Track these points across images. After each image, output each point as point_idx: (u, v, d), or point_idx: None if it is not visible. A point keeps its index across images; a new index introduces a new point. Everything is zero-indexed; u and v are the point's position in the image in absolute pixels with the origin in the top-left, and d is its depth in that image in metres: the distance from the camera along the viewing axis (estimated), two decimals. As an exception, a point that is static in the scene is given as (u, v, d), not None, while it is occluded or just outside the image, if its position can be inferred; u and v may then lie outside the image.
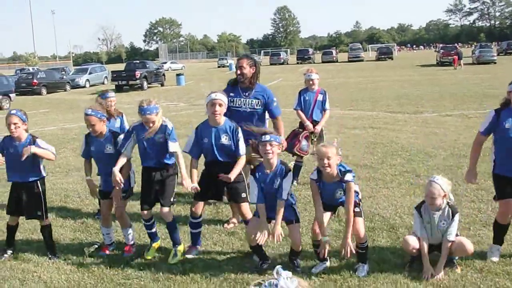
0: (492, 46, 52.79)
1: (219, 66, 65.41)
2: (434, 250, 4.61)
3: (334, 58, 63.65)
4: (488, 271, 4.49)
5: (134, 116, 6.09)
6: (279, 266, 1.32)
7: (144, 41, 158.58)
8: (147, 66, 36.69)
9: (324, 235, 4.57)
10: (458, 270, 4.53)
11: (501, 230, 4.83)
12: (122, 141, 5.14)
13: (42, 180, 5.39)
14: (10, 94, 25.88)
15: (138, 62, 39.38)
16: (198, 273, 4.72)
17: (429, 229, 4.56)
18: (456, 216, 4.51)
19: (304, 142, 7.42)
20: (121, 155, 5.08)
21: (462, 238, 4.59)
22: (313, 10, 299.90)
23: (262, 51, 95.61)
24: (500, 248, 4.83)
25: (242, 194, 5.11)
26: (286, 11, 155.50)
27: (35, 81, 33.44)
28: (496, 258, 4.71)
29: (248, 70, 5.90)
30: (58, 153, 11.34)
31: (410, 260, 4.69)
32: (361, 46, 71.93)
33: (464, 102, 17.68)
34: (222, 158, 5.10)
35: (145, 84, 33.13)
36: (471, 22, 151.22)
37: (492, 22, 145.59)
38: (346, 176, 4.46)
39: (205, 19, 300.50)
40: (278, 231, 4.51)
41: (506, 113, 4.65)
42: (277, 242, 4.69)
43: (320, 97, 7.70)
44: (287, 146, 7.47)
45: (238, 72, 5.94)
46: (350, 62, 60.43)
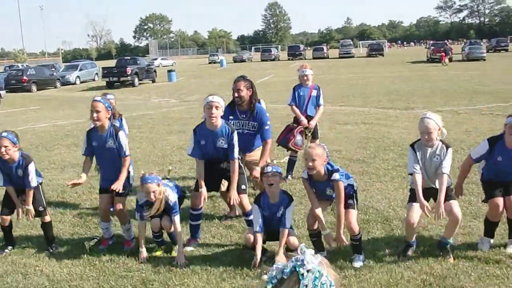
0: (481, 43, 53.27)
1: (210, 62, 65.31)
2: (431, 196, 4.68)
3: (325, 54, 63.82)
4: (478, 261, 4.65)
5: (124, 113, 6.21)
6: (303, 244, 1.43)
7: (134, 37, 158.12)
8: (138, 62, 36.54)
9: (324, 230, 4.71)
10: (451, 260, 4.67)
11: (492, 226, 5.00)
12: (138, 213, 5.15)
13: (37, 186, 5.42)
14: (0, 92, 25.72)
15: (129, 58, 39.15)
16: (198, 265, 4.83)
17: (424, 165, 4.64)
18: (449, 150, 4.61)
19: (298, 137, 7.54)
20: (141, 226, 5.14)
21: (453, 202, 4.65)
22: (303, 6, 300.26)
23: (253, 47, 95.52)
24: (490, 240, 4.99)
25: (242, 186, 5.26)
26: (277, 7, 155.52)
27: (25, 78, 33.05)
28: (486, 248, 4.87)
29: (245, 93, 6.00)
30: (52, 149, 11.48)
31: (404, 248, 4.84)
32: (352, 43, 72.10)
33: (454, 98, 17.89)
34: (220, 158, 5.28)
35: (136, 80, 33.04)
36: (461, 19, 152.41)
37: (481, 19, 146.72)
38: (334, 175, 4.58)
39: (195, 15, 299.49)
40: (282, 258, 4.58)
41: (499, 147, 4.81)
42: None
43: (314, 92, 7.82)
44: (282, 141, 7.63)
45: (236, 95, 6.02)
46: (341, 58, 60.64)
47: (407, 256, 4.75)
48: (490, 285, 4.19)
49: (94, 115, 5.15)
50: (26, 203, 5.30)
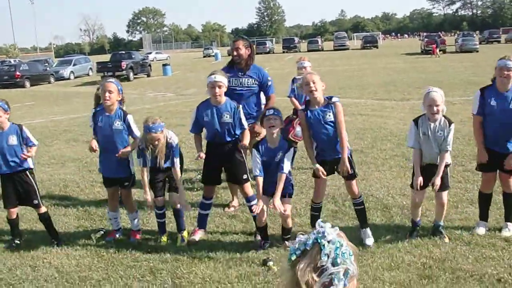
0: (474, 35, 53.40)
1: (205, 56, 65.19)
2: (431, 173, 4.77)
3: (320, 47, 63.86)
4: (475, 244, 4.83)
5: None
6: (320, 220, 1.56)
7: (127, 31, 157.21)
8: (133, 56, 36.49)
9: (314, 163, 4.89)
10: (446, 239, 4.89)
11: (484, 201, 5.19)
12: (140, 158, 5.27)
13: (31, 170, 5.45)
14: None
15: (123, 52, 39.09)
16: (205, 253, 4.96)
17: (425, 140, 4.76)
18: (452, 125, 4.75)
19: (298, 128, 7.63)
20: (145, 172, 5.26)
21: (443, 193, 4.88)
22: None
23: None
24: (485, 224, 5.18)
25: (244, 175, 5.36)
26: (271, 0, 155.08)
27: (18, 73, 32.73)
28: (482, 232, 5.05)
29: (244, 51, 6.11)
30: (51, 145, 11.53)
31: (410, 230, 5.04)
32: (346, 35, 72.06)
33: (449, 89, 17.98)
34: (223, 136, 5.28)
35: (131, 75, 32.98)
36: (454, 11, 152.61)
37: (474, 11, 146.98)
38: (333, 98, 4.78)
39: (189, 9, 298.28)
40: (279, 203, 4.73)
41: (489, 91, 5.01)
42: (279, 212, 4.88)
43: (312, 84, 7.92)
44: (282, 132, 7.73)
45: (235, 53, 6.14)
46: (335, 50, 60.72)
47: (414, 236, 4.98)
48: (486, 266, 4.35)
49: (106, 95, 5.19)
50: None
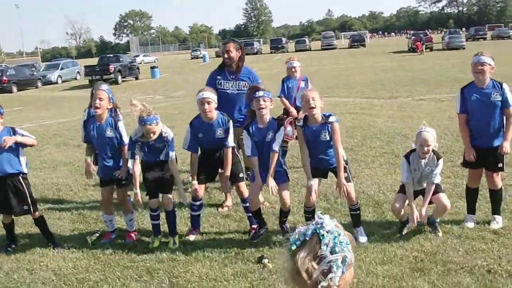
0: (460, 32, 53.99)
1: (193, 58, 65.11)
2: (419, 194, 5.10)
3: (307, 47, 64.13)
4: (465, 237, 4.96)
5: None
6: (319, 212, 1.65)
7: (114, 34, 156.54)
8: (121, 60, 36.31)
9: (309, 179, 4.96)
10: (440, 233, 5.00)
11: (471, 195, 5.34)
12: (129, 150, 5.32)
13: (24, 175, 5.40)
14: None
15: (111, 56, 38.84)
16: (200, 253, 5.02)
17: (417, 175, 4.99)
18: (440, 160, 4.97)
19: (289, 128, 7.70)
20: (135, 165, 5.33)
21: (441, 195, 5.03)
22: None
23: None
24: (474, 217, 5.32)
25: (240, 174, 5.46)
26: (258, 1, 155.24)
27: (5, 78, 32.26)
28: (471, 225, 5.19)
29: (235, 54, 6.18)
30: (42, 149, 11.50)
31: (400, 226, 5.13)
32: (333, 34, 72.39)
33: (436, 86, 18.26)
34: (218, 147, 5.44)
35: (119, 78, 32.83)
36: (440, 8, 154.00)
37: (460, 8, 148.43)
38: (330, 118, 4.88)
39: (176, 11, 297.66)
40: (272, 183, 4.89)
41: (469, 89, 5.19)
42: (271, 195, 5.07)
43: (302, 84, 8.02)
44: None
45: (226, 56, 6.19)
46: (323, 50, 61.00)
47: (402, 233, 5.08)
48: (476, 258, 4.47)
49: (97, 102, 5.26)
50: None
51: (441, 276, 4.22)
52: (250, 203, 5.23)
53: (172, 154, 5.27)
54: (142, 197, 5.38)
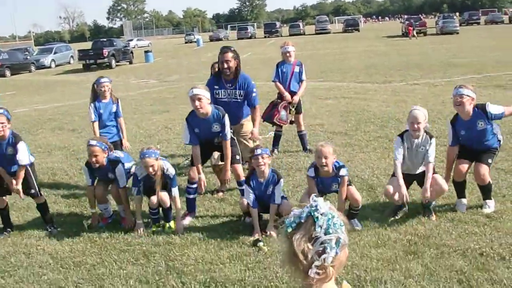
0: (454, 17, 53.82)
1: (186, 42, 64.82)
2: (413, 180, 5.23)
3: (301, 31, 63.75)
4: (458, 220, 5.03)
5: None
6: (314, 194, 1.70)
7: (107, 18, 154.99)
8: (115, 44, 35.99)
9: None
10: (433, 217, 5.06)
11: (459, 186, 5.41)
12: (134, 187, 5.38)
13: (30, 163, 5.42)
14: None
15: (105, 40, 38.53)
16: (196, 236, 5.07)
17: (411, 155, 5.09)
18: (432, 140, 5.07)
19: (283, 112, 7.76)
20: (137, 200, 5.39)
21: (437, 176, 5.15)
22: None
23: (229, 26, 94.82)
24: (464, 200, 5.38)
25: (237, 156, 5.54)
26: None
27: (-2, 62, 32.38)
28: (463, 209, 5.26)
29: (233, 63, 6.18)
30: (37, 133, 11.49)
31: (394, 209, 5.19)
32: (327, 19, 72.14)
33: (430, 71, 18.28)
34: (215, 138, 5.52)
35: (113, 62, 32.59)
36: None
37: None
38: (341, 171, 4.94)
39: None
40: (273, 233, 4.95)
41: (458, 123, 5.29)
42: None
43: (297, 68, 8.03)
44: (267, 116, 7.84)
45: (225, 66, 6.17)
46: (317, 34, 60.66)
47: (397, 215, 5.18)
48: (469, 241, 4.54)
49: (93, 160, 5.34)
50: (15, 184, 5.24)
51: (434, 259, 4.28)
52: (240, 207, 5.38)
53: (174, 190, 5.30)
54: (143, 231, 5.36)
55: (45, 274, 4.56)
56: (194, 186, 5.63)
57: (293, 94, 7.92)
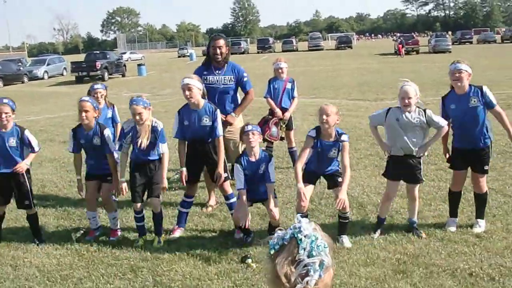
0: (447, 36, 54.49)
1: (180, 56, 64.90)
2: (407, 158, 5.14)
3: (295, 47, 64.19)
4: (448, 240, 5.02)
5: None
6: (299, 214, 1.70)
7: (101, 31, 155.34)
8: (108, 56, 36.04)
9: (298, 182, 4.96)
10: (423, 235, 5.09)
11: (454, 199, 5.42)
12: (119, 141, 5.33)
13: (28, 170, 5.46)
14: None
15: (98, 52, 38.57)
16: (184, 252, 5.03)
17: (397, 128, 5.05)
18: (427, 111, 5.05)
19: (274, 129, 7.76)
20: (122, 156, 5.34)
21: (416, 186, 5.25)
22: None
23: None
24: (456, 220, 5.40)
25: (224, 174, 5.46)
26: (246, 0, 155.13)
27: (-9, 73, 32.27)
28: (453, 229, 5.27)
29: (225, 50, 6.22)
30: (27, 145, 11.39)
31: (375, 227, 5.28)
32: (320, 35, 72.63)
33: (422, 89, 17.91)
34: (203, 137, 5.43)
35: (106, 75, 32.56)
36: (427, 11, 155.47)
37: (446, 12, 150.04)
38: (343, 136, 4.96)
39: (163, 8, 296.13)
40: (275, 210, 4.98)
41: (449, 97, 5.29)
42: (273, 220, 5.07)
43: (288, 85, 8.07)
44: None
45: (217, 51, 6.19)
46: (310, 51, 61.09)
47: (377, 233, 5.18)
48: (458, 261, 4.54)
49: (83, 115, 5.28)
50: (21, 165, 5.23)
51: (423, 278, 4.27)
52: (233, 220, 5.30)
53: (162, 146, 5.23)
54: (126, 188, 5.35)
55: (31, 287, 4.51)
56: (190, 200, 5.61)
57: (284, 110, 7.94)
